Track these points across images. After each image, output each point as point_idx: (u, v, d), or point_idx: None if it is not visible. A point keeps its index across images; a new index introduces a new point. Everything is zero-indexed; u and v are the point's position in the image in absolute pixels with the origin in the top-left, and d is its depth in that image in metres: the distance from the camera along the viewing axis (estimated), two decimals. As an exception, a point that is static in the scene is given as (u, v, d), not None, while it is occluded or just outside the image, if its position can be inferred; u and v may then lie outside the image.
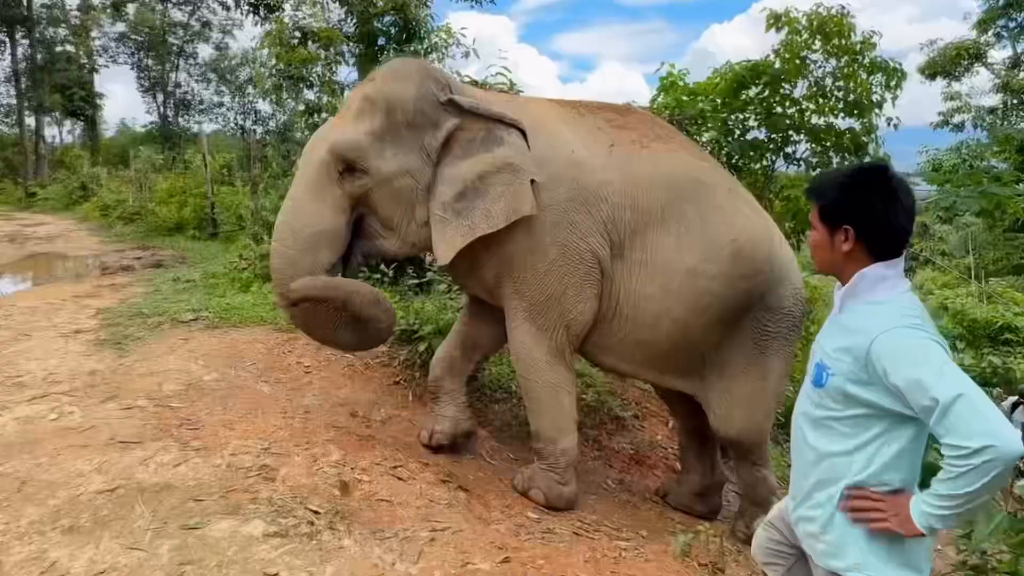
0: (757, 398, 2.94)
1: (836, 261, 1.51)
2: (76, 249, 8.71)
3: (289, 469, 2.49)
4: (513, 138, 2.77)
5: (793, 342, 3.03)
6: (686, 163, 2.95)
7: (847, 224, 1.46)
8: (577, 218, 2.77)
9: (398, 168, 2.80)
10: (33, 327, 4.28)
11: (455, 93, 2.83)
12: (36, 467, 2.37)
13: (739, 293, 2.80)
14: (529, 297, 2.84)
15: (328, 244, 2.80)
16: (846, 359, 1.43)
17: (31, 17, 22.23)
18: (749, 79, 6.06)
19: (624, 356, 3.04)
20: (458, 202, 2.77)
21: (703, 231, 2.80)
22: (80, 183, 16.17)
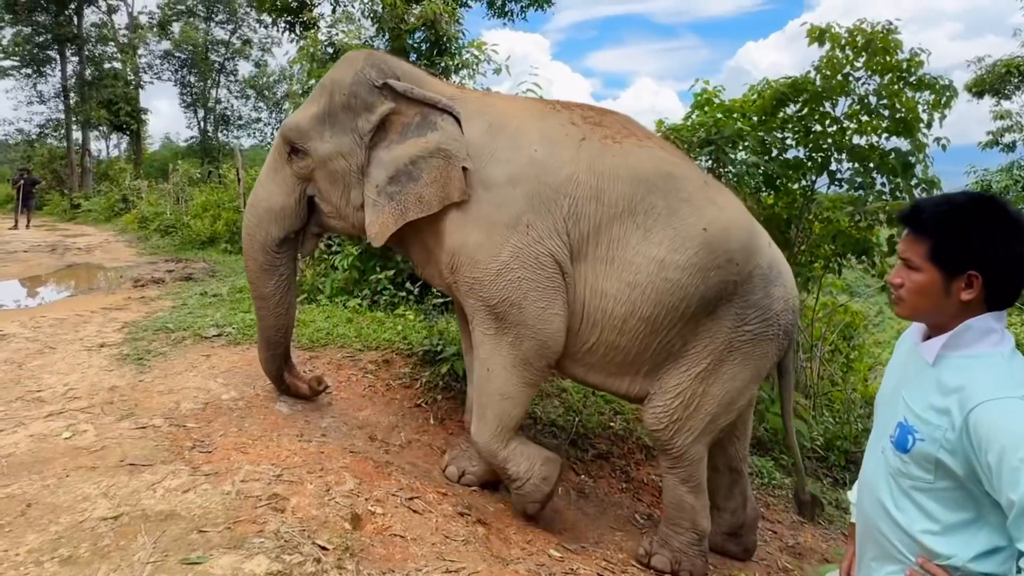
0: (711, 405, 2.72)
1: (947, 310, 1.28)
2: (112, 260, 8.87)
3: (300, 499, 2.38)
4: (447, 124, 2.80)
5: (773, 353, 2.78)
6: (657, 157, 2.82)
7: (974, 270, 1.23)
8: (534, 220, 2.68)
9: (333, 149, 2.93)
10: (59, 340, 4.30)
11: (401, 80, 2.89)
12: (43, 489, 2.31)
13: (712, 285, 2.65)
14: (485, 298, 2.74)
15: (276, 220, 3.08)
16: (940, 422, 1.23)
17: (81, 35, 23.14)
18: (789, 96, 5.87)
19: (595, 365, 2.84)
20: (391, 185, 2.82)
21: (671, 222, 2.67)
22: (122, 195, 16.66)
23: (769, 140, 6.06)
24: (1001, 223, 1.24)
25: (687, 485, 2.80)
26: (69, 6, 22.81)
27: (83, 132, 24.25)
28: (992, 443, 1.13)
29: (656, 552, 2.84)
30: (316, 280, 5.72)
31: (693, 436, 2.74)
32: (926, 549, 1.26)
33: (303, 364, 4.05)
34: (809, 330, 5.36)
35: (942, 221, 1.28)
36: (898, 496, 1.32)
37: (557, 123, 2.88)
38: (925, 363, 1.32)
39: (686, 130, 6.36)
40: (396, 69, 2.97)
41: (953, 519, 1.24)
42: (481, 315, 2.79)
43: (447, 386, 3.88)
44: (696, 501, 2.80)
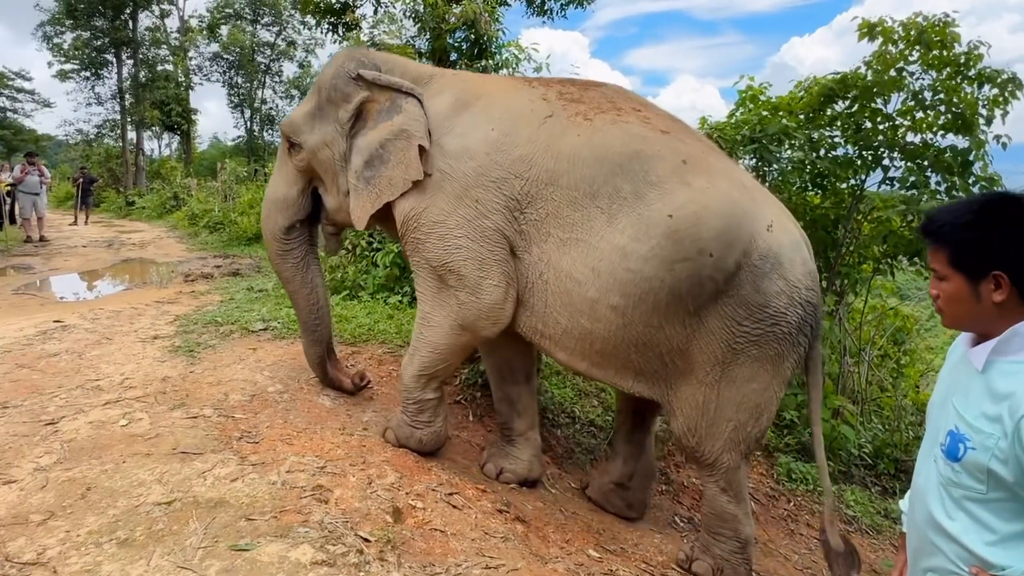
0: (731, 411, 2.55)
1: (984, 315, 1.26)
2: (164, 256, 9.20)
3: (343, 491, 2.43)
4: (410, 106, 2.93)
5: (788, 352, 2.51)
6: (629, 135, 2.64)
7: (998, 270, 1.22)
8: (482, 195, 2.72)
9: (320, 141, 3.14)
10: (116, 331, 4.48)
11: (380, 70, 3.04)
12: (102, 473, 2.41)
13: (682, 278, 2.44)
14: (428, 259, 2.85)
15: (280, 210, 3.34)
16: (992, 430, 1.20)
17: (135, 39, 24.02)
18: (838, 93, 5.70)
19: (575, 351, 2.74)
20: (367, 170, 2.97)
21: (636, 208, 2.51)
22: (173, 193, 17.24)
23: (817, 137, 5.91)
24: (1020, 220, 1.22)
25: (727, 495, 2.68)
26: (125, 11, 23.71)
27: (137, 132, 25.18)
28: None
29: (698, 558, 2.76)
30: (358, 277, 5.82)
31: (721, 443, 2.60)
32: (980, 560, 1.22)
33: (345, 359, 4.13)
34: (857, 333, 5.20)
35: (957, 226, 1.27)
36: (950, 506, 1.28)
37: (526, 100, 2.86)
38: (975, 370, 1.28)
39: (729, 128, 6.25)
40: (375, 60, 3.12)
41: (1008, 530, 1.21)
42: (423, 273, 2.91)
43: (485, 383, 3.89)
44: (738, 509, 2.68)
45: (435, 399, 3.03)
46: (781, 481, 3.81)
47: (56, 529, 2.05)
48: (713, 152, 2.79)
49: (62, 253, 9.74)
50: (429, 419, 3.01)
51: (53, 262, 8.77)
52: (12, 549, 1.94)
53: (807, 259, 2.56)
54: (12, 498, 2.24)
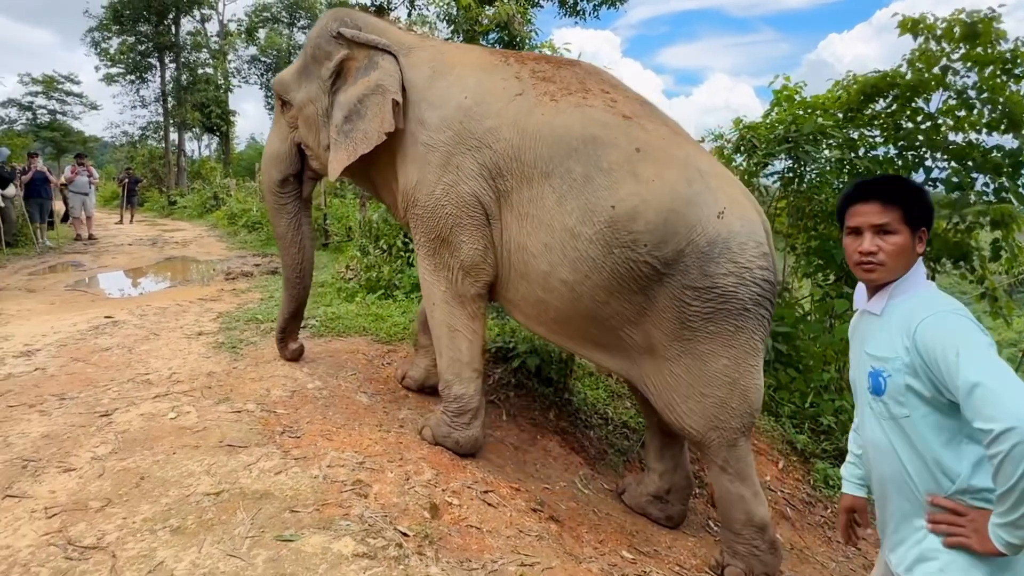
0: (704, 387, 2.59)
1: (908, 264, 1.51)
2: (205, 254, 9.48)
3: (381, 486, 2.49)
4: (385, 62, 3.08)
5: (750, 327, 2.55)
6: (588, 119, 2.73)
7: (925, 227, 1.51)
8: (461, 161, 2.86)
9: (305, 97, 3.35)
10: (162, 327, 4.65)
11: (362, 30, 3.19)
12: (154, 464, 2.52)
13: (620, 262, 2.58)
14: (425, 233, 3.00)
15: (275, 164, 3.59)
16: (899, 353, 1.42)
17: (178, 43, 24.72)
18: (878, 91, 5.59)
19: (532, 316, 2.96)
20: (346, 124, 3.12)
21: (585, 191, 2.64)
22: (213, 193, 17.69)
23: (855, 137, 5.80)
24: (924, 191, 1.55)
25: (727, 474, 2.68)
26: (168, 16, 24.42)
27: (179, 133, 25.92)
28: (935, 350, 1.33)
29: (728, 563, 2.74)
30: (393, 276, 5.91)
31: (704, 421, 2.62)
32: (932, 475, 1.39)
33: (382, 357, 4.22)
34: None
35: (906, 191, 1.52)
36: (895, 438, 1.46)
37: (500, 76, 2.98)
38: (875, 318, 1.54)
39: (763, 128, 6.17)
40: (357, 20, 3.27)
41: (942, 440, 1.37)
42: (423, 251, 3.08)
43: (519, 383, 3.94)
44: (744, 489, 2.67)
45: (476, 398, 3.08)
46: (818, 487, 3.76)
47: (113, 516, 2.15)
48: (675, 138, 2.83)
49: (110, 251, 10.11)
50: (468, 421, 3.07)
51: (102, 259, 9.12)
52: (74, 533, 2.05)
53: (761, 241, 2.60)
54: (72, 485, 2.36)
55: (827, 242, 5.69)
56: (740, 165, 6.53)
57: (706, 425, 2.63)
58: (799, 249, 6.11)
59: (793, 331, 4.91)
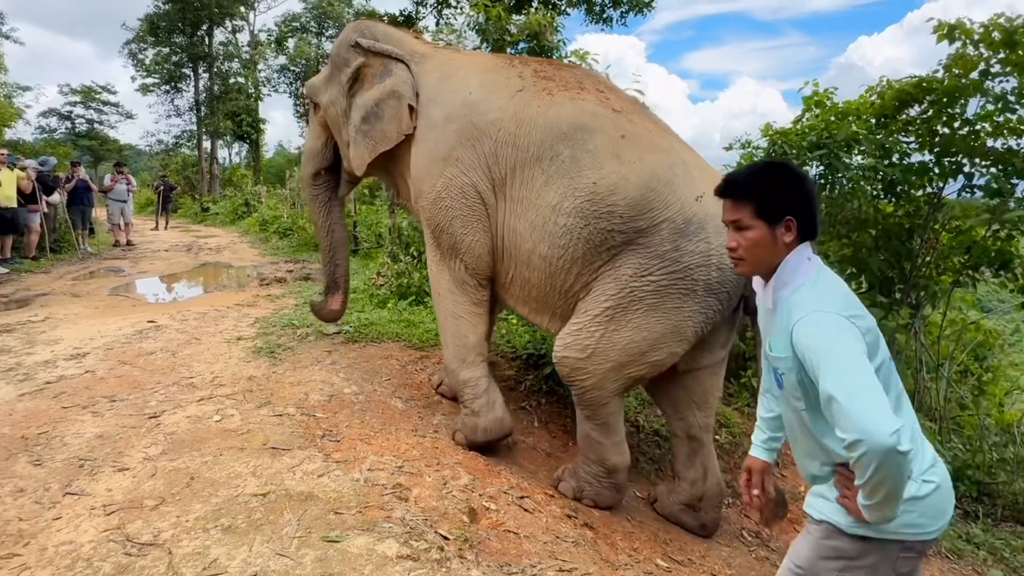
0: (609, 350, 2.76)
1: (776, 255, 1.55)
2: (239, 260, 9.70)
3: (421, 490, 2.55)
4: (399, 70, 3.41)
5: (689, 310, 2.69)
6: (580, 109, 2.94)
7: (789, 216, 1.52)
8: (462, 154, 3.08)
9: (329, 100, 3.70)
10: (203, 332, 4.78)
11: (379, 40, 3.51)
12: (203, 465, 2.61)
13: (595, 232, 2.76)
14: (428, 224, 3.24)
15: (310, 160, 4.00)
16: (787, 353, 1.50)
17: (211, 54, 25.36)
18: (913, 97, 5.51)
19: (519, 297, 3.14)
20: (364, 124, 3.45)
21: (571, 171, 2.84)
22: (244, 200, 18.07)
23: (889, 144, 5.72)
24: (795, 177, 1.56)
25: (592, 423, 2.93)
26: (202, 27, 25.10)
27: (212, 142, 26.56)
28: (805, 353, 1.42)
29: (564, 479, 3.07)
30: (424, 283, 5.99)
31: (594, 379, 2.82)
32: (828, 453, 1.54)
33: (414, 363, 4.29)
34: (934, 348, 5.00)
35: (756, 183, 1.56)
36: (796, 422, 1.61)
37: (503, 75, 3.21)
38: (771, 312, 1.59)
39: (794, 134, 6.12)
40: (375, 31, 3.61)
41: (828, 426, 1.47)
42: (429, 242, 3.31)
43: (550, 391, 3.97)
44: (603, 438, 2.92)
45: (484, 379, 3.25)
46: (852, 498, 3.72)
47: (167, 514, 2.24)
48: (661, 133, 3.03)
49: (147, 257, 10.40)
50: (487, 403, 3.20)
51: (141, 265, 9.38)
52: (132, 530, 2.14)
53: None
54: (127, 484, 2.46)
55: (860, 250, 5.63)
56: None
57: (594, 383, 2.84)
58: (831, 257, 6.04)
59: (826, 340, 4.86)
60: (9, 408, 3.22)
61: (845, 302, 1.47)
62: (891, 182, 5.55)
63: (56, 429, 2.97)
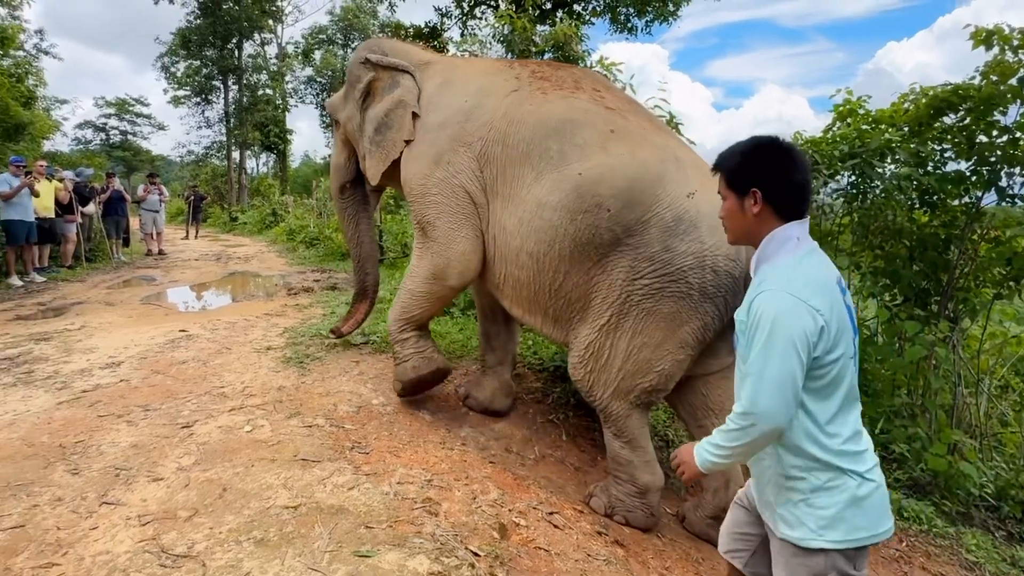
0: (618, 359, 2.72)
1: (749, 226, 1.61)
2: (267, 269, 9.84)
3: (450, 504, 2.53)
4: (405, 80, 3.56)
5: (686, 315, 2.62)
6: (570, 106, 2.97)
7: (754, 187, 1.57)
8: (454, 158, 3.20)
9: (346, 116, 3.88)
10: (233, 341, 4.85)
11: (388, 55, 3.68)
12: (234, 476, 2.63)
13: (582, 228, 2.72)
14: (416, 216, 3.38)
15: (336, 173, 4.17)
16: (746, 318, 1.56)
17: (240, 66, 25.89)
18: (950, 104, 5.39)
19: (511, 296, 3.16)
20: (376, 135, 3.59)
21: (559, 166, 2.84)
22: (271, 209, 18.36)
23: (925, 152, 5.60)
24: (774, 153, 1.58)
25: (620, 440, 2.88)
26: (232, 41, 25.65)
27: (240, 152, 27.08)
28: (755, 322, 1.49)
29: (595, 494, 3.01)
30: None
31: (610, 391, 2.80)
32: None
33: (441, 374, 4.29)
34: (974, 362, 4.85)
35: (730, 157, 1.64)
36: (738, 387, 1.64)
37: (500, 78, 3.30)
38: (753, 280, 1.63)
39: (825, 143, 6.02)
40: (383, 47, 3.80)
41: None
42: (417, 233, 3.46)
43: (578, 403, 3.94)
44: (633, 456, 2.86)
45: (414, 335, 3.52)
46: (890, 517, 3.61)
47: (201, 525, 2.26)
48: (657, 131, 3.02)
49: (178, 266, 10.61)
50: (413, 346, 3.50)
51: (172, 274, 9.57)
52: (166, 541, 2.16)
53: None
54: (161, 494, 2.48)
55: (894, 260, 5.50)
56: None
57: (610, 396, 2.82)
58: (864, 268, 5.92)
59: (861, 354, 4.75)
60: (48, 416, 3.28)
61: (814, 290, 1.48)
62: (926, 191, 5.42)
63: (92, 438, 3.02)
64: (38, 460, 2.78)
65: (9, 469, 2.70)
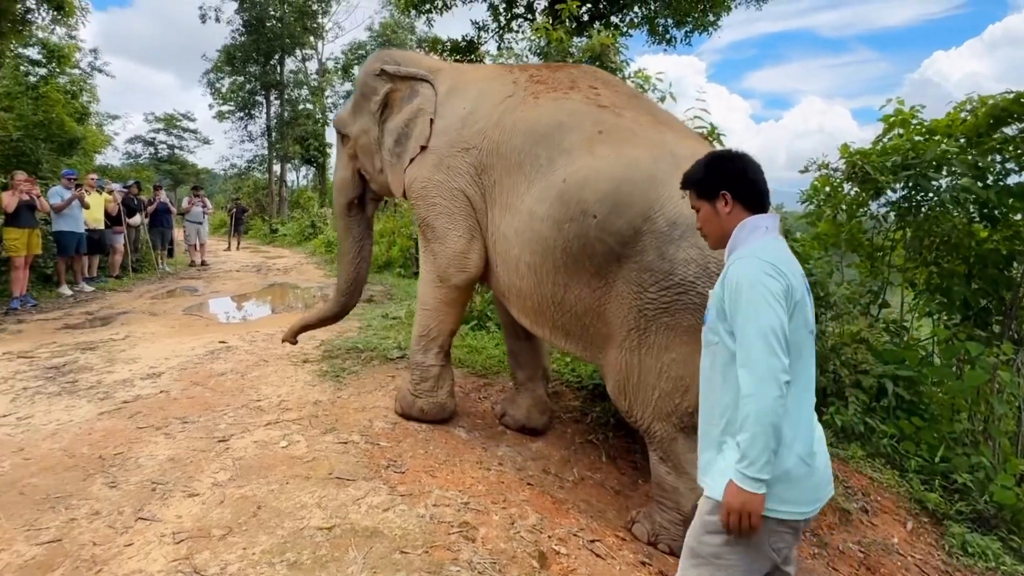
0: (653, 379, 2.55)
1: (725, 226, 1.75)
2: (305, 281, 9.96)
3: (487, 529, 2.44)
4: (424, 88, 3.52)
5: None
6: (559, 109, 2.90)
7: (723, 190, 1.74)
8: (453, 162, 3.20)
9: (359, 129, 3.80)
10: (270, 354, 4.87)
11: (400, 64, 3.65)
12: (269, 493, 2.59)
13: (570, 239, 2.62)
14: (418, 218, 3.40)
15: (341, 190, 4.05)
16: (719, 290, 1.65)
17: (282, 82, 26.54)
18: (1011, 113, 5.12)
19: (516, 305, 3.10)
20: (397, 147, 3.54)
21: (547, 173, 2.76)
22: (311, 222, 18.66)
23: (984, 164, 5.32)
24: (732, 159, 1.79)
25: (665, 465, 2.71)
26: (274, 57, 26.34)
27: (281, 165, 27.69)
28: (732, 287, 1.59)
29: (639, 521, 2.86)
30: (484, 307, 5.95)
31: (649, 411, 2.65)
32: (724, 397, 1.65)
33: (477, 390, 4.22)
34: (1041, 386, 4.56)
35: (695, 172, 1.82)
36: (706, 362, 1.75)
37: (499, 84, 3.27)
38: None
39: (875, 155, 5.79)
40: (396, 57, 3.75)
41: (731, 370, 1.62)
42: (421, 238, 3.46)
43: (618, 423, 3.81)
44: (679, 482, 2.67)
45: (436, 367, 3.43)
46: (954, 554, 3.37)
47: (234, 545, 2.22)
48: (655, 125, 2.83)
49: (220, 277, 10.82)
50: (431, 388, 3.43)
51: (213, 285, 9.76)
52: (199, 561, 2.12)
53: None
54: (196, 511, 2.46)
55: (951, 278, 5.24)
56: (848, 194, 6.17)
57: (651, 416, 2.66)
58: (919, 285, 5.65)
59: (917, 375, 4.51)
60: (89, 427, 3.32)
61: (780, 260, 1.60)
62: (985, 204, 5.15)
63: (131, 450, 3.03)
64: (78, 472, 2.80)
65: (50, 480, 2.72)
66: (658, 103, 4.40)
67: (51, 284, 8.30)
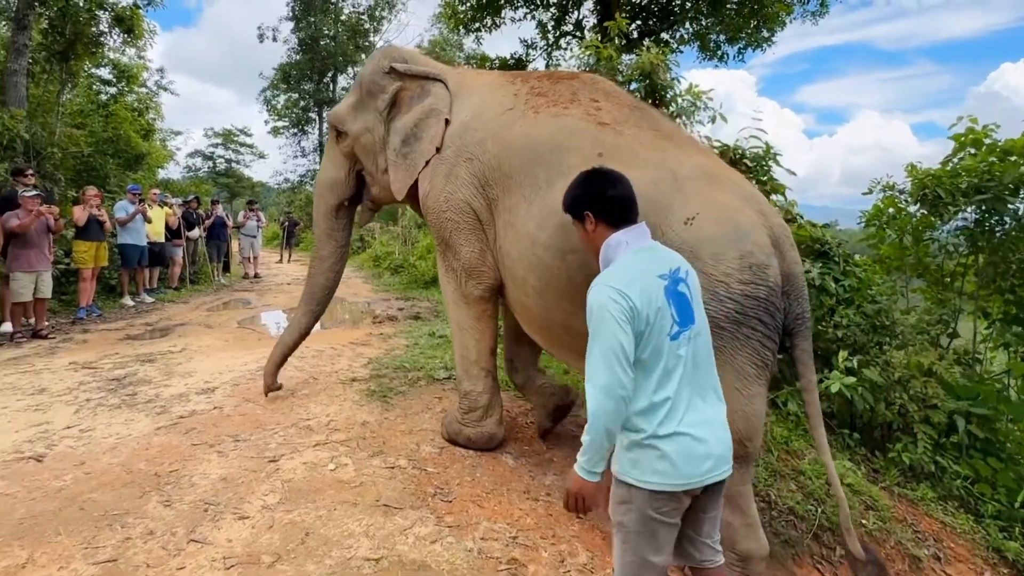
0: None
1: (596, 245, 1.85)
2: (353, 295, 10.10)
3: (536, 567, 2.37)
4: (437, 88, 3.43)
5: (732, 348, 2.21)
6: (558, 127, 2.82)
7: (586, 210, 1.84)
8: (458, 171, 3.14)
9: (362, 127, 3.66)
10: (320, 371, 4.91)
11: (408, 63, 3.56)
12: (316, 519, 2.58)
13: (574, 268, 2.54)
14: (435, 234, 3.33)
15: (331, 190, 3.90)
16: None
17: (334, 99, 27.33)
18: (1098, 133, 4.80)
19: (525, 320, 3.06)
20: (404, 147, 3.44)
21: (546, 197, 2.70)
22: (359, 236, 18.99)
23: (1066, 186, 4.99)
24: (591, 178, 1.88)
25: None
26: (327, 75, 27.20)
27: (331, 180, 28.42)
28: (588, 312, 1.70)
29: None
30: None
31: None
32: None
33: (525, 414, 4.15)
34: None
35: (565, 196, 1.93)
36: None
37: (500, 94, 3.22)
38: None
39: (946, 176, 5.50)
40: (404, 55, 3.65)
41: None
42: (438, 254, 3.42)
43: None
44: (732, 518, 2.38)
45: (485, 395, 3.35)
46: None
47: (283, 574, 2.20)
48: (656, 143, 2.68)
49: (272, 290, 11.10)
50: (479, 418, 3.36)
51: (265, 298, 10.01)
52: (249, 590, 2.11)
53: (747, 252, 2.23)
54: (246, 535, 2.46)
55: (1030, 307, 4.92)
56: (915, 216, 5.89)
57: None
58: (994, 314, 5.32)
59: (992, 412, 4.22)
60: (146, 442, 3.39)
61: (629, 280, 1.69)
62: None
63: (186, 467, 3.07)
64: (135, 488, 2.85)
65: (108, 496, 2.77)
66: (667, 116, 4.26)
67: (115, 295, 8.65)
